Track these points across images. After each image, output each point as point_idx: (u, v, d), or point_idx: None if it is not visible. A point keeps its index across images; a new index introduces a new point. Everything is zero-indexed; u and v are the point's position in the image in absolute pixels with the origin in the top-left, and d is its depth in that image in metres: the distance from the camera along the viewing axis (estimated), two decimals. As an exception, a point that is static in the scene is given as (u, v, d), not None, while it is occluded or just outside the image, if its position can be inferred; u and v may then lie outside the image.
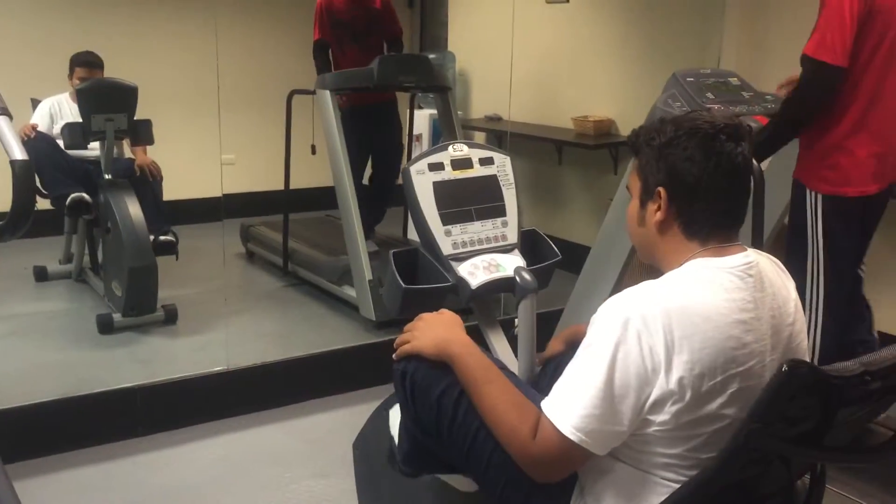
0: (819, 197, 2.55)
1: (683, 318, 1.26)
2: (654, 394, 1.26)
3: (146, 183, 4.12)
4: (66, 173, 4.05)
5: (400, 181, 2.12)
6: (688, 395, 1.26)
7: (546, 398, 1.35)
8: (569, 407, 1.30)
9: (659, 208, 1.40)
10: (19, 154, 1.57)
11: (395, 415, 1.92)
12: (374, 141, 4.60)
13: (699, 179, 1.35)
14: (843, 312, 2.62)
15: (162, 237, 3.99)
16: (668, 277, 1.35)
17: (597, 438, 1.29)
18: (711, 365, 1.26)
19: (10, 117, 1.64)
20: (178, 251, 4.11)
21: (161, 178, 4.24)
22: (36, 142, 4.02)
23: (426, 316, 1.69)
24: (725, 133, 1.36)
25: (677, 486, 1.31)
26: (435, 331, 1.61)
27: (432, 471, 1.82)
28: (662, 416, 1.27)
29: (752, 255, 1.38)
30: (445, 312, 1.68)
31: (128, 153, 4.34)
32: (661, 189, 1.39)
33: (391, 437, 1.96)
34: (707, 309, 1.28)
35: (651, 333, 1.26)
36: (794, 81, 2.79)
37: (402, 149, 4.89)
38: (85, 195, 3.97)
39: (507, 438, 1.39)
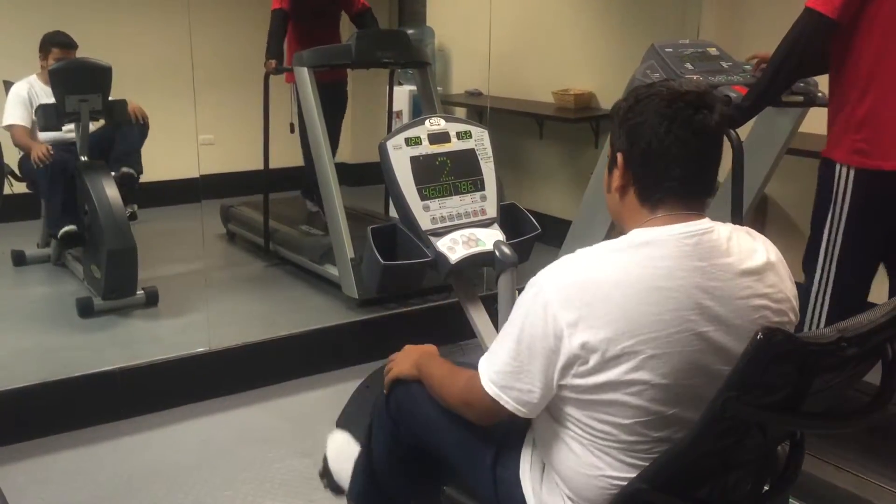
0: (851, 172, 2.35)
1: (590, 285, 1.30)
2: (561, 358, 1.32)
3: (133, 125, 4.13)
4: (67, 203, 4.01)
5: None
6: (592, 359, 1.29)
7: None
8: (490, 362, 1.44)
9: (619, 173, 1.42)
10: None
11: (332, 442, 2.12)
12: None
13: (650, 143, 1.35)
14: (851, 302, 2.39)
15: (124, 168, 4.04)
16: (597, 246, 1.37)
17: (511, 396, 1.40)
18: (618, 330, 1.27)
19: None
20: (137, 186, 4.14)
21: (147, 125, 4.24)
22: (53, 169, 3.96)
23: (407, 347, 1.84)
24: (685, 99, 1.34)
25: (606, 446, 1.37)
26: (411, 355, 1.77)
27: None
28: (573, 380, 1.33)
29: (706, 225, 1.35)
30: (425, 346, 1.82)
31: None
32: (619, 154, 1.41)
33: (325, 459, 2.12)
34: (619, 276, 1.30)
35: (555, 301, 1.31)
36: (765, 59, 2.76)
37: (339, 131, 4.81)
38: (76, 228, 3.98)
39: (445, 391, 1.60)
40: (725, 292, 1.32)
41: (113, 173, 3.94)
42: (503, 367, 1.40)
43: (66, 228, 3.98)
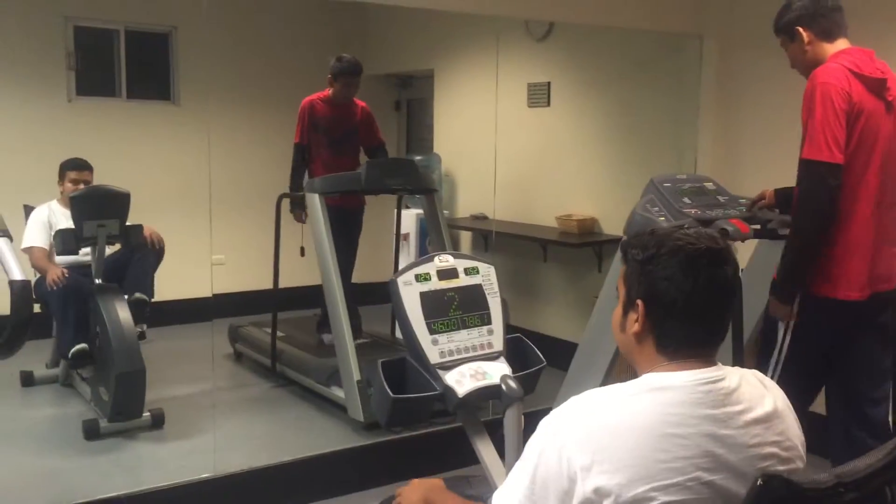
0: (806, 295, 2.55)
1: (605, 430, 1.32)
2: (575, 501, 1.32)
3: (149, 250, 4.25)
4: (79, 324, 4.09)
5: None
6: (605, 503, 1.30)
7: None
8: (504, 498, 1.44)
9: (637, 319, 1.44)
10: (18, 275, 1.63)
11: None
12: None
13: (675, 300, 1.39)
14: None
15: (137, 294, 4.11)
16: (613, 389, 1.40)
17: None
18: (632, 476, 1.29)
19: (10, 238, 1.70)
20: (148, 312, 4.20)
21: (163, 250, 4.35)
22: (66, 291, 4.05)
23: (413, 481, 1.85)
24: (707, 257, 1.39)
25: None
26: (419, 490, 1.80)
27: None
28: None
29: (718, 372, 1.39)
30: (431, 479, 1.84)
31: None
32: (639, 302, 1.43)
33: None
34: (634, 421, 1.32)
35: (571, 444, 1.33)
36: (764, 196, 2.90)
37: (354, 255, 4.86)
38: (86, 347, 4.03)
39: None
40: (737, 440, 1.35)
41: (126, 296, 4.02)
42: (518, 503, 1.41)
43: (77, 347, 4.03)
